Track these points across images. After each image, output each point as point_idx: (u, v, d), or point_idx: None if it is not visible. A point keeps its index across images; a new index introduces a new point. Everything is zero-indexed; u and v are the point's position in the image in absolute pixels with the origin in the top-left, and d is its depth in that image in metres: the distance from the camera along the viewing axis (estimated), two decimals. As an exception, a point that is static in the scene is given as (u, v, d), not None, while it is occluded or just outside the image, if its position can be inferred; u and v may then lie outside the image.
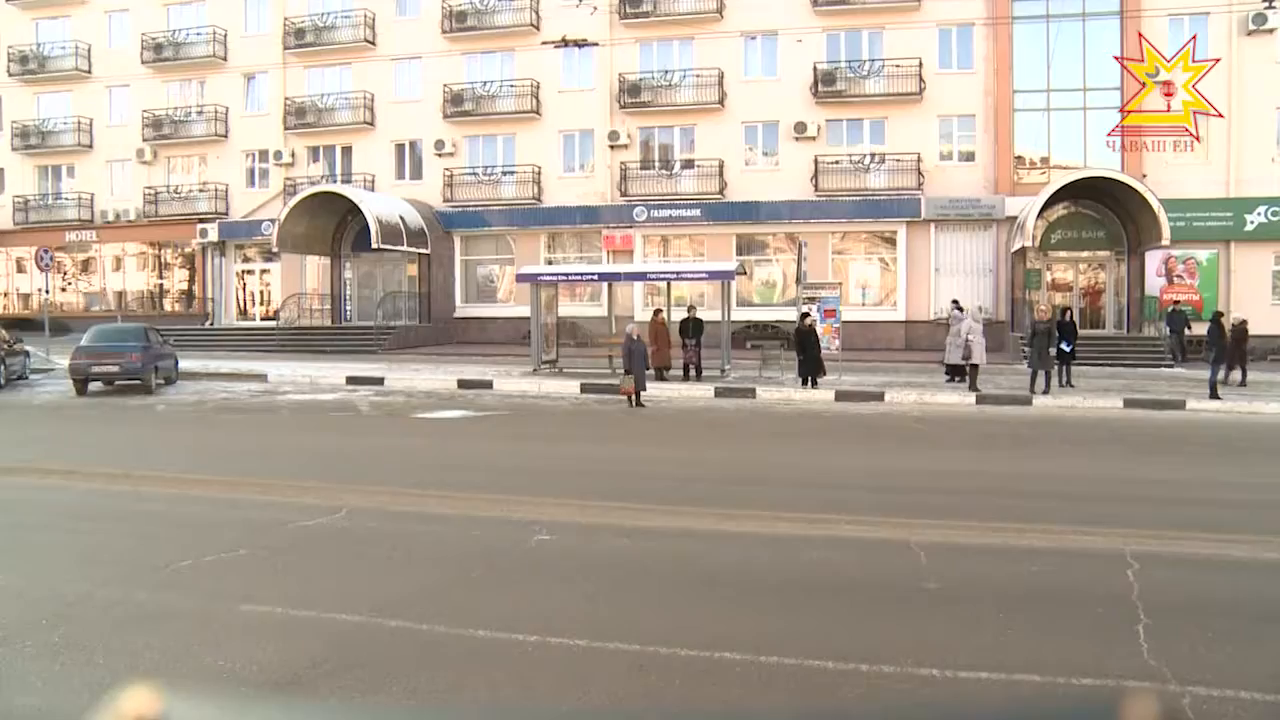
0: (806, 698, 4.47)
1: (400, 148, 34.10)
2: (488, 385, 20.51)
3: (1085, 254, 29.49)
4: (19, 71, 37.06)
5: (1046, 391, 18.22)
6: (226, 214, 35.29)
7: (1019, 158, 29.57)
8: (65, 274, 37.63)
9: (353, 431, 14.81)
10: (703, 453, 12.48)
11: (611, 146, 31.61)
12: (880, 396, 18.33)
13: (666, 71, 31.28)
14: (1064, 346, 19.16)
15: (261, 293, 36.22)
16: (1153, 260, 27.69)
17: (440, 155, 33.15)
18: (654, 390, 18.76)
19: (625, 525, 7.99)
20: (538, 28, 31.42)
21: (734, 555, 7.10)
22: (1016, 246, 26.79)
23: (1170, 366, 23.88)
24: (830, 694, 4.52)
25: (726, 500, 9.00)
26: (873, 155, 29.90)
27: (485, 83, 32.74)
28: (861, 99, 29.91)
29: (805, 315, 20.07)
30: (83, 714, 1.35)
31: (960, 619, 5.54)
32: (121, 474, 10.36)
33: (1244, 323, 20.30)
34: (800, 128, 29.94)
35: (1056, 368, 19.06)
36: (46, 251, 27.53)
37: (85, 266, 38.04)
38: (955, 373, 20.15)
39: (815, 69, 29.82)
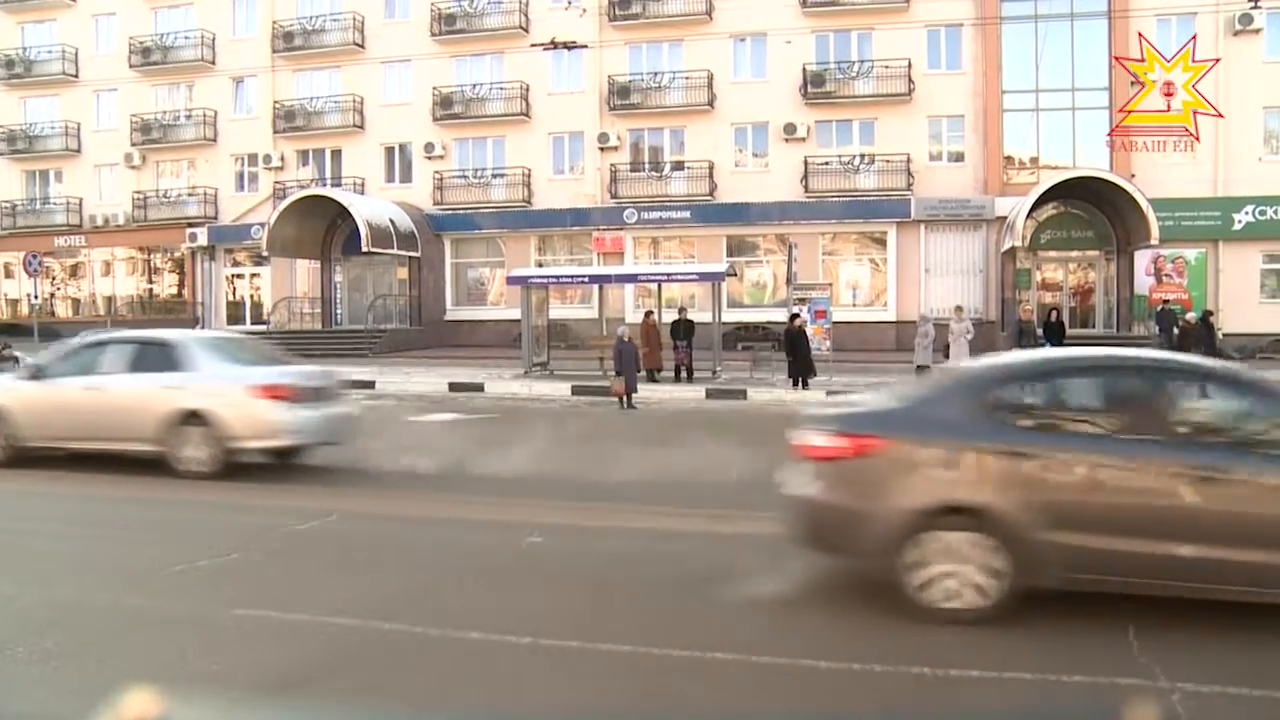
0: (799, 698, 4.49)
1: (390, 151, 34.04)
2: (479, 388, 20.50)
3: (1075, 253, 29.61)
4: (5, 76, 36.84)
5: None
6: (216, 218, 35.16)
7: (1008, 158, 29.67)
8: (54, 279, 37.45)
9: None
10: (695, 454, 12.49)
11: (601, 149, 31.61)
12: (871, 397, 18.33)
13: (656, 73, 31.29)
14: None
15: (252, 296, 36.10)
16: (1142, 259, 27.79)
17: (430, 158, 33.10)
18: (645, 392, 18.77)
19: (617, 527, 8.01)
20: (527, 30, 31.38)
21: (726, 556, 7.11)
22: (1006, 246, 26.89)
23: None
24: (823, 693, 4.54)
25: (718, 501, 9.01)
26: (862, 156, 29.95)
27: (475, 85, 32.71)
28: (851, 100, 29.97)
29: (795, 316, 20.11)
30: (83, 717, 1.36)
31: (953, 618, 5.56)
32: (110, 479, 10.32)
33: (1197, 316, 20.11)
34: (790, 129, 29.99)
35: None
36: (35, 256, 27.42)
37: (74, 271, 37.86)
38: (925, 373, 20.18)
39: (804, 70, 29.87)
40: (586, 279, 26.48)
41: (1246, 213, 27.35)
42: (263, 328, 32.48)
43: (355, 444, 11.55)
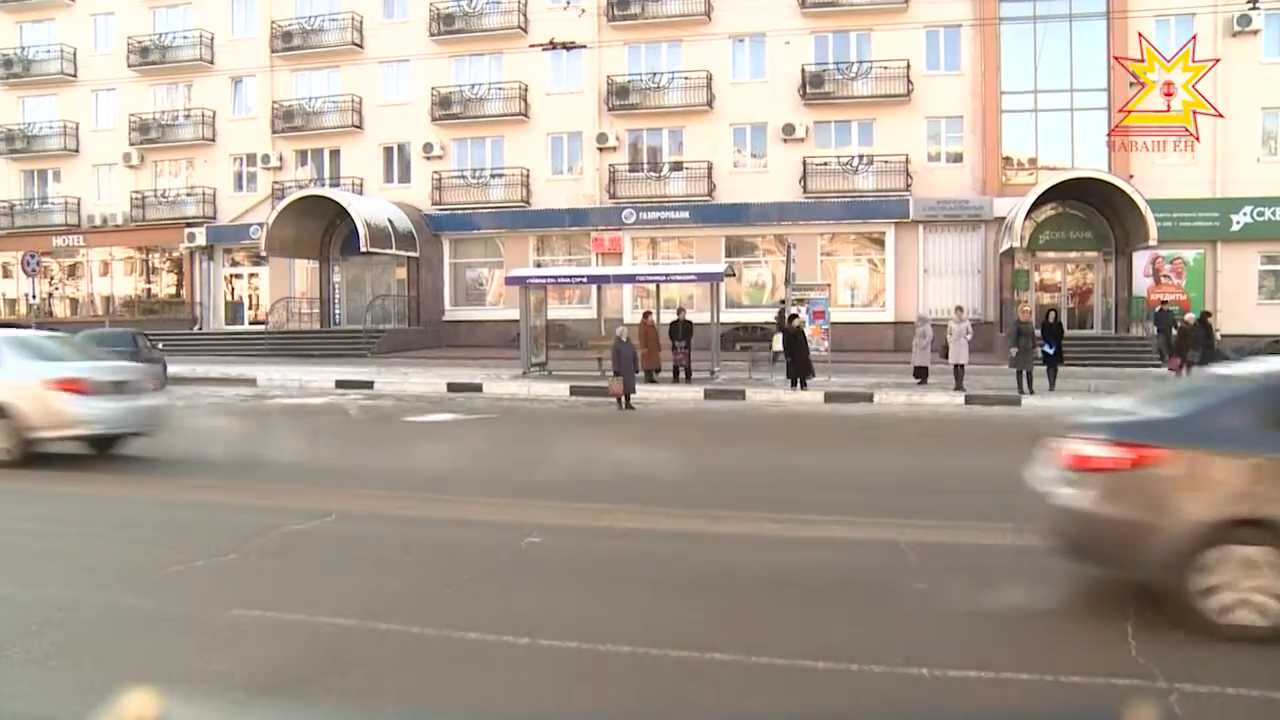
0: (798, 698, 4.48)
1: (388, 151, 34.04)
2: (477, 388, 20.49)
3: (1073, 254, 29.64)
4: (3, 75, 36.82)
5: (1031, 391, 18.30)
6: (214, 218, 35.14)
7: (1007, 159, 29.69)
8: (52, 279, 37.42)
9: (342, 435, 14.77)
10: (692, 454, 12.49)
11: (600, 149, 31.61)
12: (869, 398, 18.37)
13: (655, 73, 31.29)
14: (1047, 349, 19.16)
15: (250, 297, 36.09)
16: (1140, 260, 27.83)
17: (429, 158, 33.10)
18: (643, 392, 18.77)
19: (615, 527, 8.00)
20: (525, 30, 31.38)
21: (723, 556, 7.12)
22: (1005, 247, 26.89)
23: (1158, 366, 23.98)
24: (822, 694, 4.54)
25: (716, 502, 9.01)
26: (861, 157, 29.97)
27: (473, 85, 32.70)
28: (850, 100, 29.99)
29: (794, 317, 20.10)
30: (80, 718, 1.36)
31: (949, 619, 5.56)
32: (109, 479, 10.32)
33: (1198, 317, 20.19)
34: (789, 129, 29.99)
35: (1045, 370, 19.08)
36: (33, 256, 27.38)
37: (72, 271, 37.84)
38: (922, 375, 20.14)
39: (803, 71, 29.88)
40: (585, 279, 26.48)
41: (1245, 214, 27.38)
42: (261, 328, 32.51)
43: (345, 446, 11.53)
